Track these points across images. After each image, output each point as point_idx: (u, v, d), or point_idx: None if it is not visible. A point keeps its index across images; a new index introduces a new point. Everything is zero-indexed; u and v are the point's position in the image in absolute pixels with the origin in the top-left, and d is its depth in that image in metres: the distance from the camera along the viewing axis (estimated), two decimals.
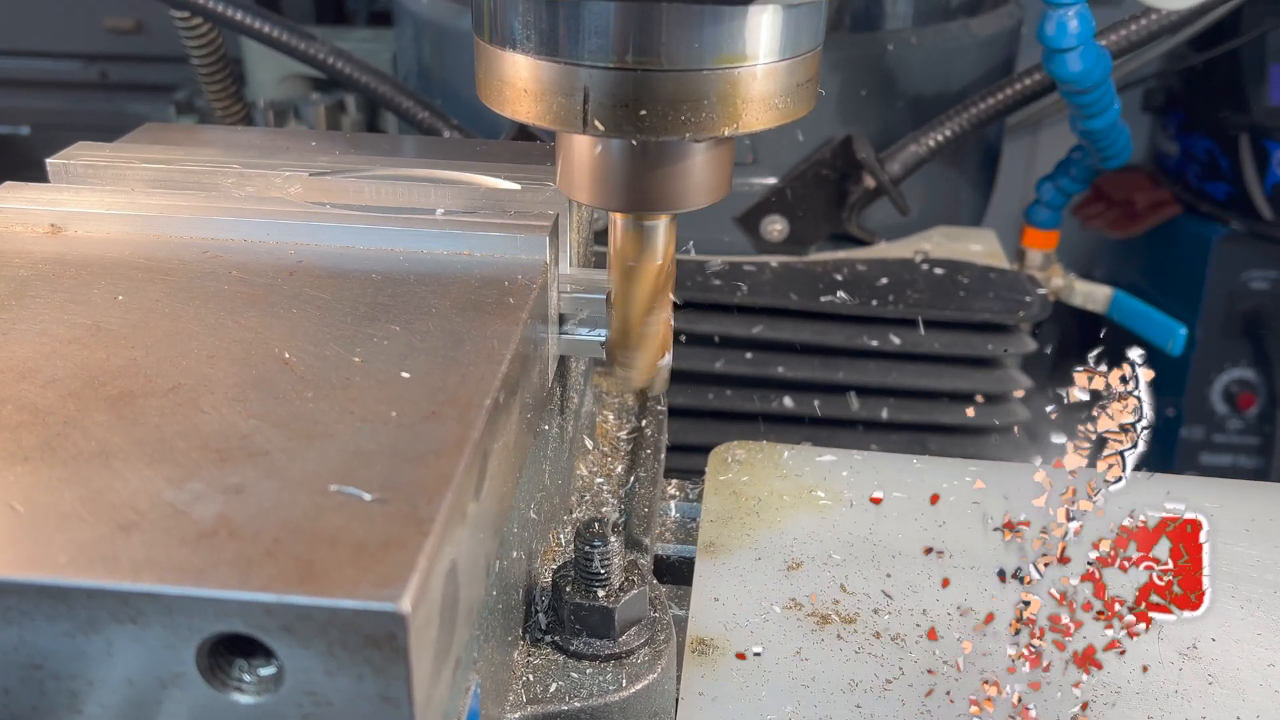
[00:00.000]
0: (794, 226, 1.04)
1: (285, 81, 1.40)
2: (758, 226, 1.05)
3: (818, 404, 1.00)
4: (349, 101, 1.38)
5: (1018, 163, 1.52)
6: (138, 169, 0.60)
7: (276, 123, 1.37)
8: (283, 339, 0.46)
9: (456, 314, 0.48)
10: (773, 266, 1.03)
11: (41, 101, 1.57)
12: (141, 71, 1.54)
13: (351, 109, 1.38)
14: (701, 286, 0.98)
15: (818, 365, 0.99)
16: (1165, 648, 0.55)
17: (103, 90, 1.58)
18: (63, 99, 1.57)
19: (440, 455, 0.38)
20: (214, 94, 1.29)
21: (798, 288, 0.99)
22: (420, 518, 0.35)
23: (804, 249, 1.05)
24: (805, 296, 0.97)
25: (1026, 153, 1.56)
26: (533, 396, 0.51)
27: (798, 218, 1.04)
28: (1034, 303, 0.98)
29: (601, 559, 0.51)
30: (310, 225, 0.54)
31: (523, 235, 0.53)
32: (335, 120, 1.38)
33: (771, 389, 1.00)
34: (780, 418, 1.01)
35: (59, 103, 1.56)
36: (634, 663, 0.51)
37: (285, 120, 1.38)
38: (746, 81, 0.50)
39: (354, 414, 0.40)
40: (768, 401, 1.00)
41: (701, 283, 0.99)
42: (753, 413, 1.00)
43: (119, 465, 0.38)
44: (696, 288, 0.98)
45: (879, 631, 0.57)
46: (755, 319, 0.99)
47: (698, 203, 0.55)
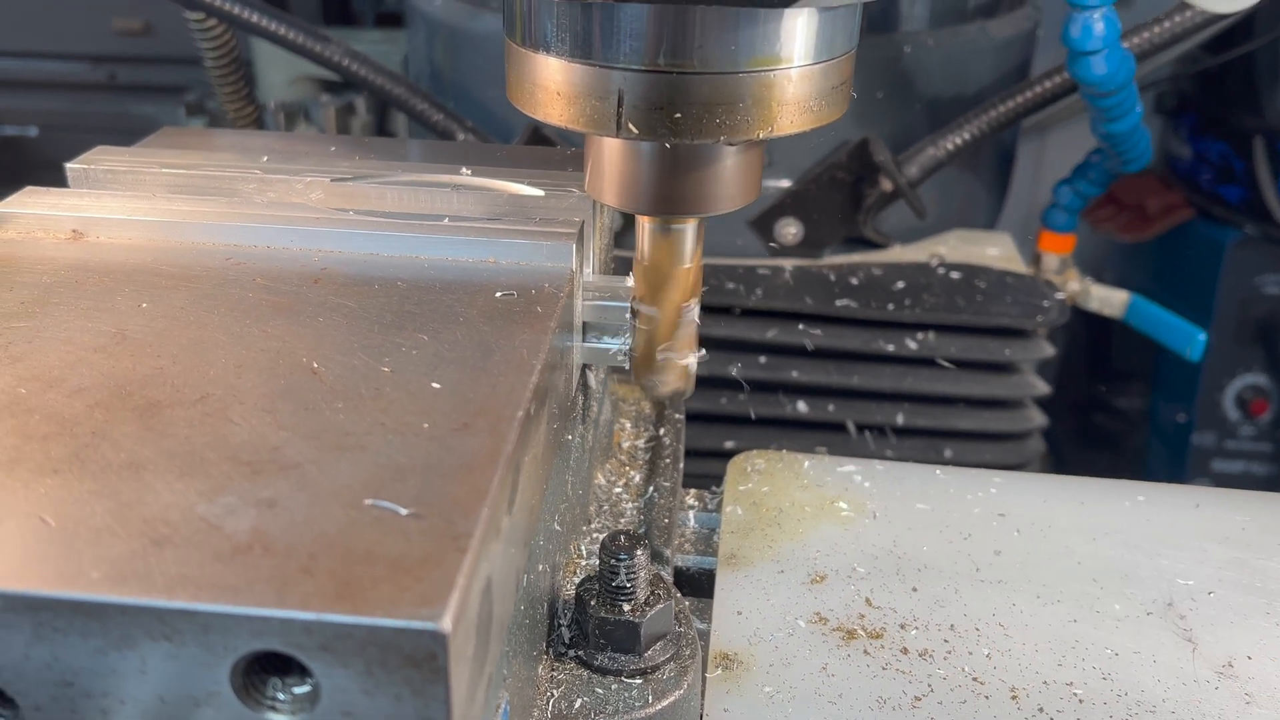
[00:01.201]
0: (809, 230, 1.04)
1: (295, 83, 1.40)
2: (772, 229, 1.04)
3: (832, 409, 1.00)
4: (359, 103, 1.37)
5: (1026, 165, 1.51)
6: (157, 174, 0.60)
7: (287, 124, 1.36)
8: (310, 348, 0.45)
9: (484, 322, 0.47)
10: (787, 270, 1.02)
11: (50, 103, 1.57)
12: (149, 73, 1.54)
13: (361, 110, 1.38)
14: (716, 290, 0.98)
15: (832, 370, 0.99)
16: (1201, 665, 0.54)
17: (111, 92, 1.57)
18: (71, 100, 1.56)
19: (474, 469, 0.37)
20: (227, 95, 1.28)
21: (812, 291, 0.98)
22: (457, 533, 0.34)
23: (819, 252, 1.05)
24: (820, 300, 0.97)
25: (1035, 155, 1.56)
26: (559, 406, 0.50)
27: (812, 221, 1.04)
28: (1052, 308, 0.97)
29: (628, 573, 0.50)
30: (334, 232, 0.54)
31: (548, 242, 0.53)
32: (345, 122, 1.38)
33: (786, 393, 1.00)
34: (794, 422, 1.01)
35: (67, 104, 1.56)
36: (660, 678, 0.51)
37: (295, 121, 1.38)
38: (782, 84, 0.49)
39: (385, 425, 0.40)
40: (782, 406, 1.00)
41: (716, 286, 0.99)
42: (767, 417, 1.00)
43: (149, 478, 0.37)
44: (711, 291, 0.98)
45: (906, 647, 0.56)
46: (769, 323, 0.98)
47: (726, 207, 0.55)
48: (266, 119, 1.35)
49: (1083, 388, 1.62)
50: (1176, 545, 0.62)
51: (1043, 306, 0.96)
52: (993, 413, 1.00)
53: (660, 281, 0.58)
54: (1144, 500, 0.65)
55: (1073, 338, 1.60)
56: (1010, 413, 1.00)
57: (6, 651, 0.34)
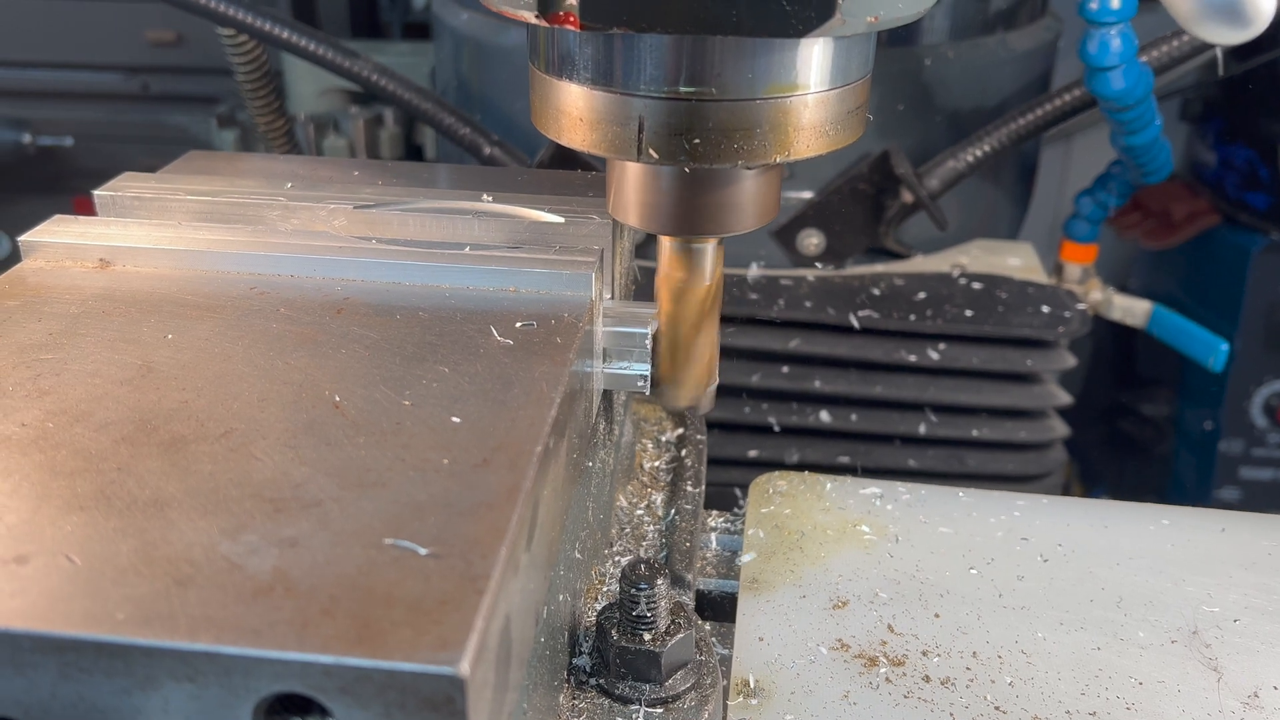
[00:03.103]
0: (830, 240, 1.04)
1: (325, 95, 1.41)
2: (794, 240, 1.04)
3: (855, 418, 0.99)
4: (387, 115, 1.38)
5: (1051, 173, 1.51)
6: (183, 201, 0.60)
7: (316, 136, 1.38)
8: (332, 381, 0.45)
9: (504, 354, 0.48)
10: (809, 280, 1.02)
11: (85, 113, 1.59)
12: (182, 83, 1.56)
13: (390, 122, 1.39)
14: (738, 300, 0.98)
15: (855, 380, 0.99)
16: (1226, 695, 0.54)
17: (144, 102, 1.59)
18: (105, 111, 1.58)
19: (493, 506, 0.38)
20: (257, 108, 1.30)
21: (834, 302, 0.98)
22: (475, 574, 0.35)
23: (841, 263, 1.05)
24: (842, 311, 0.97)
25: (1060, 163, 1.55)
26: (579, 436, 0.50)
27: (834, 232, 1.04)
28: (1074, 318, 0.97)
29: (648, 602, 0.50)
30: (357, 261, 0.54)
31: (568, 271, 0.53)
32: (373, 133, 1.39)
33: (808, 403, 1.00)
34: (816, 432, 1.01)
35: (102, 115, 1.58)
36: (681, 708, 0.51)
37: (325, 134, 1.39)
38: (798, 110, 0.50)
39: (405, 461, 0.40)
40: (804, 416, 1.00)
41: (738, 296, 0.99)
42: (789, 427, 1.00)
43: (173, 515, 0.38)
44: (733, 301, 0.98)
45: (928, 675, 0.56)
46: (792, 333, 0.98)
47: (746, 226, 0.55)
48: (296, 131, 1.36)
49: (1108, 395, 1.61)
50: (1202, 570, 0.61)
51: (1064, 317, 0.96)
52: (1015, 423, 0.99)
53: (681, 299, 0.58)
54: (1169, 524, 0.65)
55: (1098, 345, 1.59)
56: (1032, 423, 0.99)
57: (34, 690, 0.34)
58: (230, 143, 1.44)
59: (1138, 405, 1.55)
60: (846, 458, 1.00)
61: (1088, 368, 1.58)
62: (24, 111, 1.57)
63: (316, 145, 1.38)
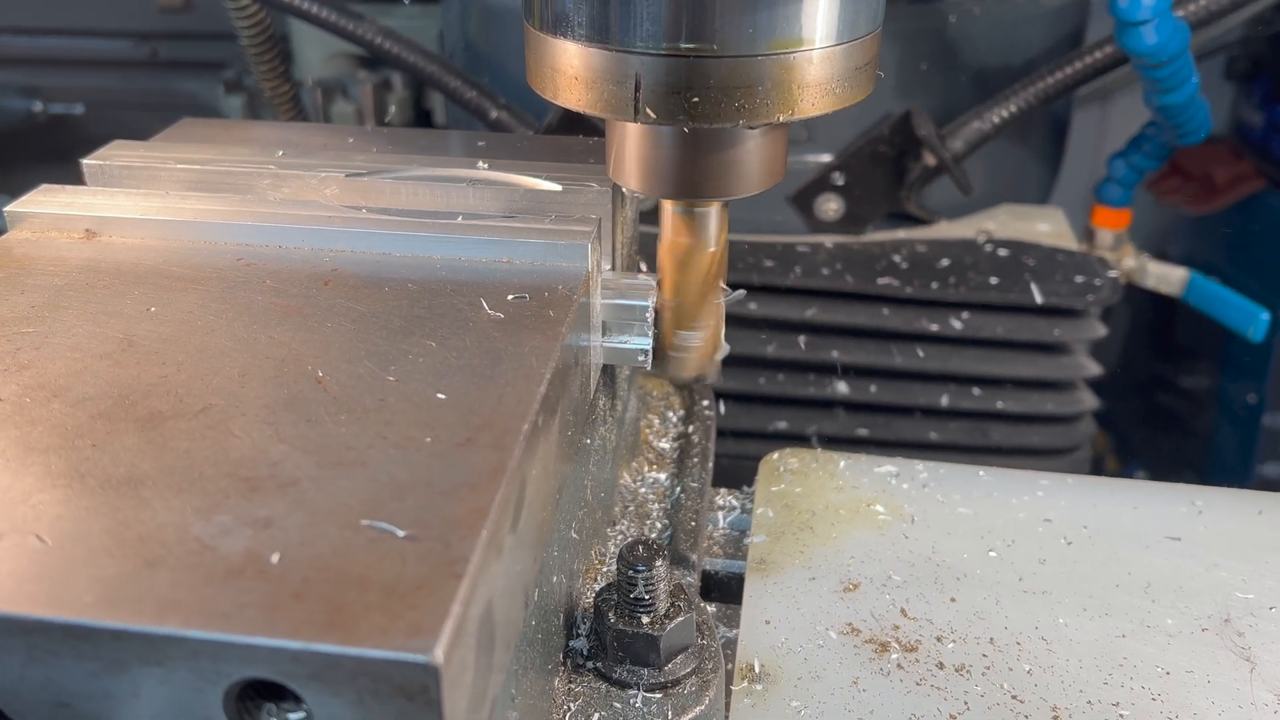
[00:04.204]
0: (850, 206, 1.01)
1: (332, 59, 1.39)
2: (812, 206, 1.02)
3: (874, 390, 0.97)
4: (396, 80, 1.36)
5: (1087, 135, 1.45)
6: (173, 170, 0.59)
7: (324, 101, 1.36)
8: (316, 355, 0.44)
9: (494, 328, 0.46)
10: (827, 247, 1.00)
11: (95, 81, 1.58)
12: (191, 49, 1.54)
13: (398, 87, 1.37)
14: (754, 268, 0.96)
15: (874, 350, 0.96)
16: (1259, 687, 0.52)
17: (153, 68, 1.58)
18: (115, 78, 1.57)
19: (475, 487, 0.36)
20: (263, 73, 1.28)
21: (853, 269, 0.96)
22: (454, 557, 0.33)
23: (861, 229, 1.02)
24: (861, 278, 0.95)
25: (1097, 125, 1.49)
26: (573, 412, 0.49)
27: (854, 196, 1.01)
28: (1104, 286, 0.94)
29: (646, 584, 0.48)
30: (346, 231, 0.52)
31: (564, 242, 0.51)
32: (382, 99, 1.37)
33: (825, 374, 0.98)
34: (834, 404, 0.99)
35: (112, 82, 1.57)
36: (680, 693, 0.49)
37: (333, 99, 1.37)
38: (802, 67, 0.48)
39: (387, 439, 0.38)
40: (821, 387, 0.97)
41: (754, 264, 0.96)
42: (806, 398, 0.98)
43: (147, 494, 0.36)
44: (748, 269, 0.96)
45: (942, 661, 0.54)
46: (809, 301, 0.96)
47: (750, 189, 0.53)
48: (304, 96, 1.34)
49: (1147, 367, 1.56)
50: (1235, 555, 0.59)
51: (1094, 285, 0.93)
52: (1041, 394, 0.97)
53: (685, 266, 0.56)
54: (1201, 505, 0.62)
55: (1136, 315, 1.54)
56: (1060, 395, 0.97)
57: (3, 673, 0.33)
58: (237, 108, 1.42)
59: (1177, 378, 1.50)
60: (865, 430, 0.98)
61: (1125, 338, 1.53)
62: (35, 79, 1.57)
63: (324, 111, 1.36)
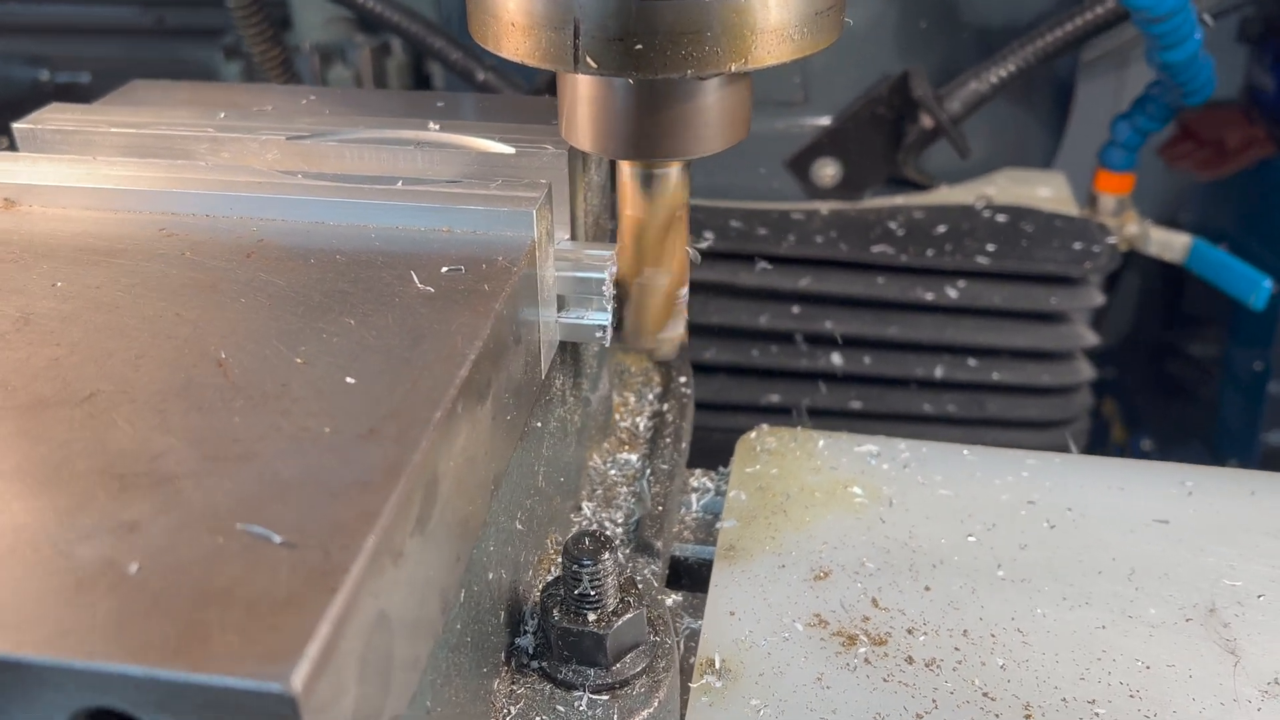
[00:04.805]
0: (847, 170, 0.97)
1: (331, 23, 1.35)
2: (809, 171, 0.97)
3: (868, 361, 0.93)
4: (395, 44, 1.32)
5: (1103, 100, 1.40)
6: (107, 134, 0.55)
7: (321, 66, 1.32)
8: (223, 335, 0.40)
9: (422, 304, 0.42)
10: (823, 214, 0.96)
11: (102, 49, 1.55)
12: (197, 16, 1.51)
13: (397, 51, 1.33)
14: (745, 235, 0.92)
15: (868, 320, 0.92)
16: (1243, 682, 0.48)
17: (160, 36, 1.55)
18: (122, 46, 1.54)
19: (368, 486, 0.33)
20: (251, 36, 1.24)
21: (848, 237, 0.92)
22: (331, 568, 0.30)
23: (859, 195, 0.98)
24: (856, 246, 0.90)
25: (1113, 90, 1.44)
26: (515, 394, 0.45)
27: (851, 161, 0.96)
28: (1102, 253, 0.89)
29: (591, 579, 0.45)
30: (278, 199, 0.49)
31: (508, 209, 0.47)
32: (380, 63, 1.33)
33: (819, 345, 0.94)
34: (827, 376, 0.95)
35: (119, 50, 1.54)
36: (629, 694, 0.46)
37: (331, 63, 1.33)
38: (755, 10, 0.43)
39: (282, 430, 0.35)
40: (814, 359, 0.94)
41: (745, 231, 0.92)
42: (798, 370, 0.94)
43: (8, 492, 0.33)
44: (740, 237, 0.92)
45: (912, 655, 0.50)
46: (802, 270, 0.92)
47: (710, 148, 0.49)
48: (300, 61, 1.31)
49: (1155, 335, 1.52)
50: (1225, 539, 0.55)
51: (1093, 252, 0.88)
52: (1038, 365, 0.92)
53: (645, 233, 0.52)
54: (1192, 486, 0.58)
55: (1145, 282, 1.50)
56: (1057, 365, 0.93)
57: None
58: (235, 74, 1.39)
59: (1185, 345, 1.47)
60: (859, 403, 0.94)
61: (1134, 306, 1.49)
62: (42, 48, 1.54)
63: (322, 76, 1.33)
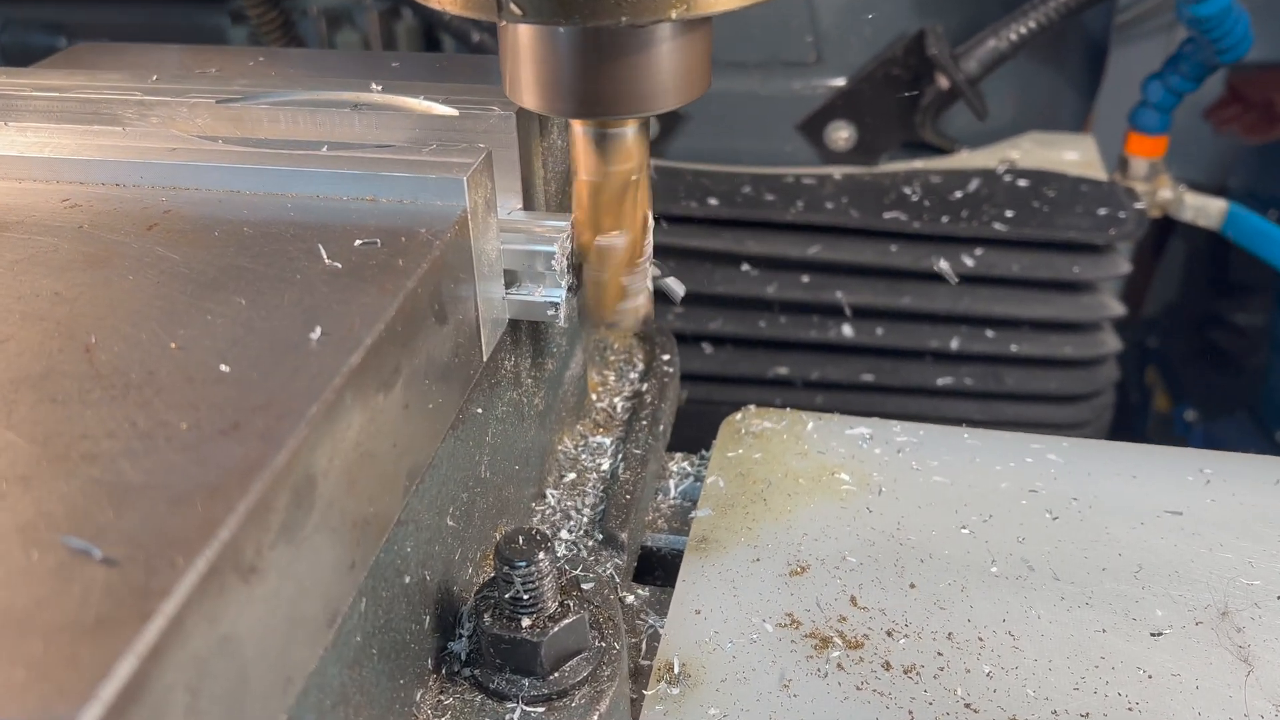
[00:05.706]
0: (862, 134, 0.91)
1: None
2: (822, 134, 0.92)
3: (880, 332, 0.88)
4: (404, 8, 1.28)
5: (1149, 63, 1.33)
6: (30, 99, 0.52)
7: (328, 30, 1.29)
8: (100, 316, 0.37)
9: (325, 281, 0.38)
10: (835, 179, 0.90)
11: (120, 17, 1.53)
12: None
13: (407, 15, 1.29)
14: (752, 201, 0.87)
15: (881, 289, 0.87)
16: (1255, 694, 0.43)
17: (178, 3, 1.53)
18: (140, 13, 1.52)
19: (215, 491, 0.29)
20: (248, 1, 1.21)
21: (861, 203, 0.86)
22: (150, 590, 0.26)
23: (874, 159, 0.92)
24: (868, 213, 0.85)
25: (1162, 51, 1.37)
26: (439, 379, 0.41)
27: (866, 124, 0.91)
28: (1129, 219, 0.83)
29: (525, 582, 0.41)
30: (190, 166, 0.45)
31: (437, 175, 0.43)
32: (389, 27, 1.30)
33: (829, 315, 0.89)
34: (839, 348, 0.90)
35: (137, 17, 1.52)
36: (568, 705, 0.42)
37: (339, 28, 1.30)
38: None
39: (135, 425, 0.31)
40: (825, 330, 0.89)
41: (752, 197, 0.87)
42: (808, 341, 0.90)
43: None
44: (746, 202, 0.87)
45: (889, 661, 0.46)
46: (812, 238, 0.87)
47: (666, 104, 0.44)
48: (306, 25, 1.27)
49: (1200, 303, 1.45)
50: (1244, 533, 0.50)
51: (1118, 218, 0.82)
52: (1060, 336, 0.87)
53: (600, 198, 0.48)
54: (1211, 474, 0.53)
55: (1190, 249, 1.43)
56: (1080, 336, 0.87)
57: None
58: (242, 39, 1.36)
59: (1231, 314, 1.39)
60: (871, 375, 0.89)
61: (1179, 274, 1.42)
62: (60, 16, 1.52)
63: (329, 40, 1.29)
